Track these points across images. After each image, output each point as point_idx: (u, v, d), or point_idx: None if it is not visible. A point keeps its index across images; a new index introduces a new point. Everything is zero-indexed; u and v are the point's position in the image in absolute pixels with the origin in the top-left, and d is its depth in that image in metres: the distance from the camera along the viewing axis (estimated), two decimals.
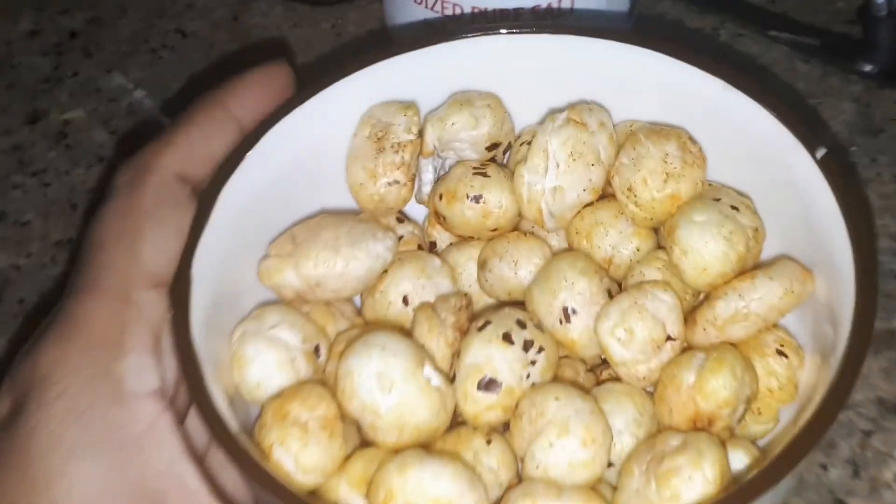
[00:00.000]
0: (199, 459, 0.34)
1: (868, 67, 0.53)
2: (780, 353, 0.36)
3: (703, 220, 0.37)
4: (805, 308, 0.37)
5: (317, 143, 0.42)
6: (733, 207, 0.37)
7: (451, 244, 0.44)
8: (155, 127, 0.50)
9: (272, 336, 0.36)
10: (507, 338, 0.35)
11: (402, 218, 0.44)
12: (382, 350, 0.34)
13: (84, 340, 0.32)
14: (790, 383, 0.36)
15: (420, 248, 0.44)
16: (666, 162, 0.39)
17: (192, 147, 0.37)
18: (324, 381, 0.37)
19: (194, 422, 0.34)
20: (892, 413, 0.44)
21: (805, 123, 0.37)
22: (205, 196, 0.37)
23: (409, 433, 0.34)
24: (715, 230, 0.36)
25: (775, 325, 0.37)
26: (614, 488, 0.35)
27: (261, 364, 0.36)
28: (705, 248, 0.36)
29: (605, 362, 0.39)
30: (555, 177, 0.40)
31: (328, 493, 0.34)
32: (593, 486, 0.33)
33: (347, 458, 0.34)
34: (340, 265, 0.38)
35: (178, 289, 0.35)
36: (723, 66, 0.39)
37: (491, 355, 0.35)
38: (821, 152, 0.36)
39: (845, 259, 0.34)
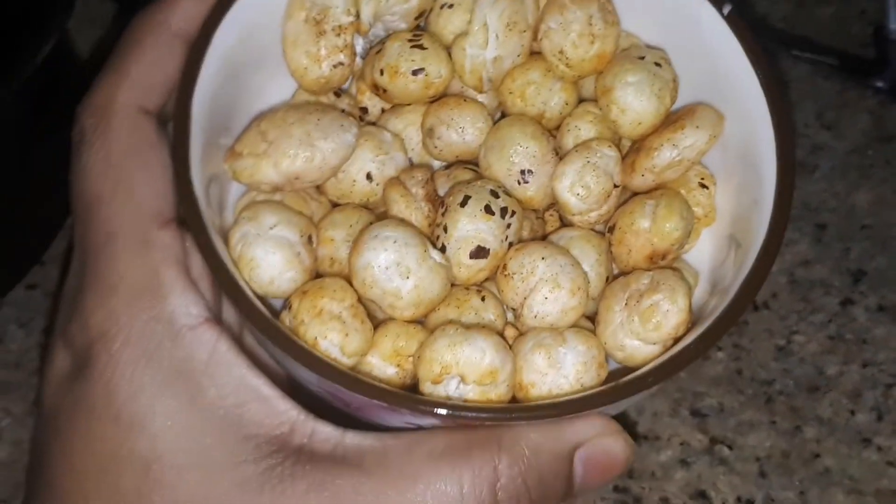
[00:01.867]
0: (238, 340, 0.37)
1: (881, 84, 0.59)
2: (702, 185, 0.43)
3: (636, 81, 0.42)
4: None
5: (256, 31, 0.42)
6: (657, 64, 0.43)
7: (384, 111, 0.47)
8: None
9: (275, 236, 0.39)
10: (488, 210, 0.40)
11: (339, 92, 0.46)
12: (395, 242, 0.38)
13: (126, 293, 0.34)
14: (711, 210, 0.43)
15: (360, 118, 0.46)
16: (591, 24, 0.43)
17: (147, 77, 0.38)
18: (319, 267, 0.41)
19: (226, 312, 0.38)
20: None
21: None
22: (179, 108, 0.38)
23: (424, 306, 0.39)
24: (648, 89, 0.42)
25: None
26: (588, 318, 0.42)
27: (271, 264, 0.39)
28: (640, 106, 0.42)
29: (550, 206, 0.45)
30: (494, 48, 0.43)
31: (363, 367, 0.38)
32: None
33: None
34: (319, 158, 0.40)
35: (190, 210, 0.36)
36: None
37: (478, 228, 0.40)
38: (727, 8, 0.42)
39: (758, 103, 0.41)
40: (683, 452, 0.49)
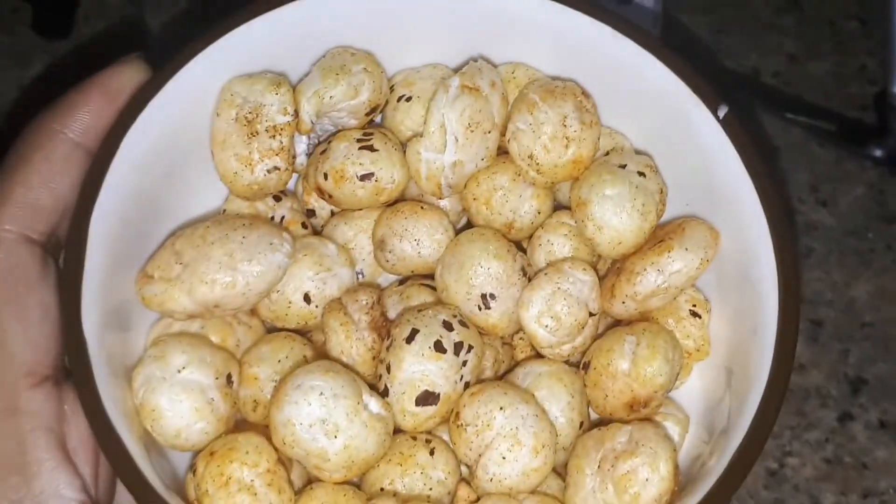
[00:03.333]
0: None
1: (880, 153, 0.53)
2: (693, 313, 0.37)
3: (615, 195, 0.36)
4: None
5: (181, 131, 0.37)
6: (640, 174, 0.37)
7: (334, 215, 0.41)
8: None
9: (183, 380, 0.33)
10: (438, 347, 0.34)
11: (279, 195, 0.40)
12: (321, 394, 0.32)
13: None
14: (705, 342, 0.37)
15: (304, 225, 0.40)
16: (565, 125, 0.37)
17: (33, 199, 0.32)
18: (242, 410, 0.35)
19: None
20: None
21: (705, 80, 0.36)
22: (73, 234, 0.33)
23: (357, 468, 0.33)
24: (629, 205, 0.36)
25: None
26: (557, 472, 0.35)
27: (179, 413, 0.33)
28: (620, 224, 0.36)
29: (519, 330, 0.38)
30: (453, 151, 0.37)
31: None
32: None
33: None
34: (241, 284, 0.35)
35: (76, 356, 0.31)
36: (613, 14, 0.37)
37: (426, 370, 0.34)
38: (723, 111, 0.36)
39: (757, 218, 0.35)
40: None
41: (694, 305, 0.37)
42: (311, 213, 0.41)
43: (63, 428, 0.30)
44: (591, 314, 0.36)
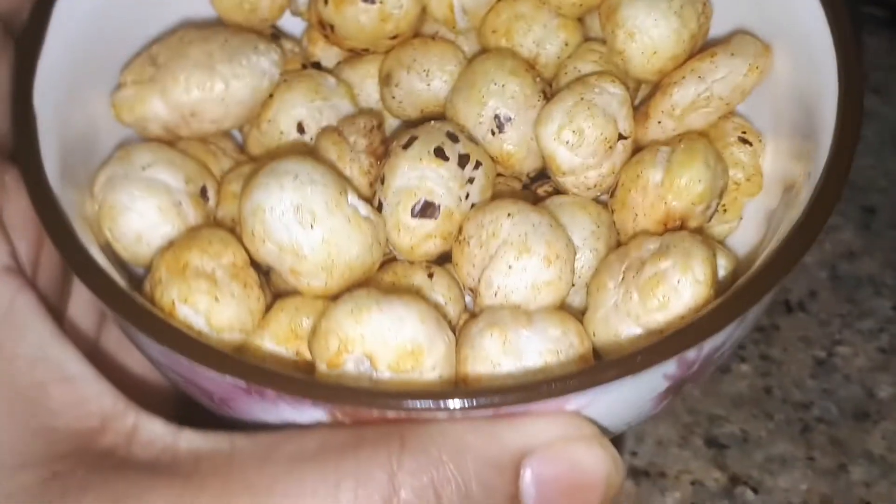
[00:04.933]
0: (86, 341, 0.27)
1: None
2: (743, 140, 0.32)
3: None
4: (758, 90, 0.32)
5: None
6: None
7: (340, 62, 0.37)
8: None
9: (148, 178, 0.29)
10: (439, 153, 0.29)
11: (277, 34, 0.37)
12: (296, 178, 0.27)
13: None
14: (757, 173, 0.32)
15: (304, 67, 0.36)
16: None
17: None
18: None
19: (77, 306, 0.28)
20: None
21: None
22: (36, 11, 0.29)
23: (339, 274, 0.28)
24: (664, 5, 0.31)
25: (733, 112, 0.32)
26: (580, 313, 0.30)
27: (139, 212, 0.29)
28: (655, 28, 0.31)
29: (542, 176, 0.34)
30: None
31: (248, 353, 0.28)
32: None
33: (267, 310, 0.28)
34: (219, 86, 0.31)
35: (22, 128, 0.27)
36: None
37: (424, 175, 0.29)
38: None
39: (818, 32, 0.29)
40: (696, 495, 0.40)
41: (744, 132, 0.32)
42: (316, 65, 0.37)
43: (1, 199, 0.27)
44: (620, 136, 0.31)
